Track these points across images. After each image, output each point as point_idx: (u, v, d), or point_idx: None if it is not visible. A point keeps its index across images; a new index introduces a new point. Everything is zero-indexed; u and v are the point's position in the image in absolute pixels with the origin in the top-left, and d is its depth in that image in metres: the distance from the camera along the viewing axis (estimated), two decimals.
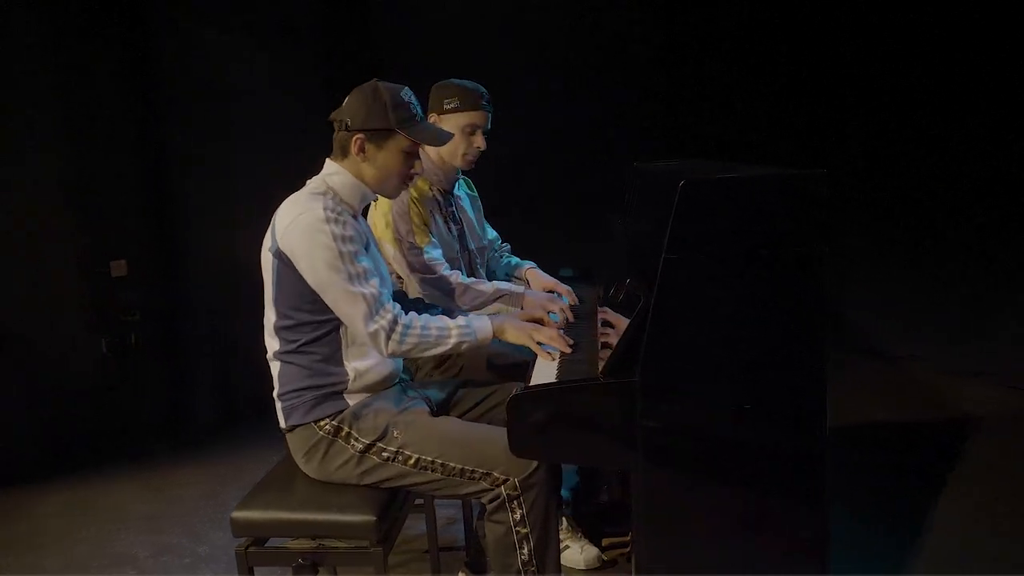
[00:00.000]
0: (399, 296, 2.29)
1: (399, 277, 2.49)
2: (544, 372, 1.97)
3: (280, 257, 1.93)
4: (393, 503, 1.98)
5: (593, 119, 4.62)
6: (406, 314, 1.97)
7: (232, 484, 3.32)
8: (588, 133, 4.63)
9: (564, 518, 2.61)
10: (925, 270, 4.46)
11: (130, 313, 4.03)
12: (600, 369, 1.73)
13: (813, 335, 1.64)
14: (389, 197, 2.19)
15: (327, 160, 2.06)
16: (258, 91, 4.07)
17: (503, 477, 1.87)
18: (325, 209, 1.90)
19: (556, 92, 4.62)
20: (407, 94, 2.03)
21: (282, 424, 2.03)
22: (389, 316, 1.92)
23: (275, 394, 2.04)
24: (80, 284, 3.89)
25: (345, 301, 1.90)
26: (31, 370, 3.67)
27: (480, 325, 2.04)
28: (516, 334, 2.08)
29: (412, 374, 2.53)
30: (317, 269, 1.88)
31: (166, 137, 3.97)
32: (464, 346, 2.02)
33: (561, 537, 2.57)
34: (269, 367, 2.05)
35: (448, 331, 1.99)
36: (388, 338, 1.92)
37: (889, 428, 3.56)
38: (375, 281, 1.93)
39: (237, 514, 1.94)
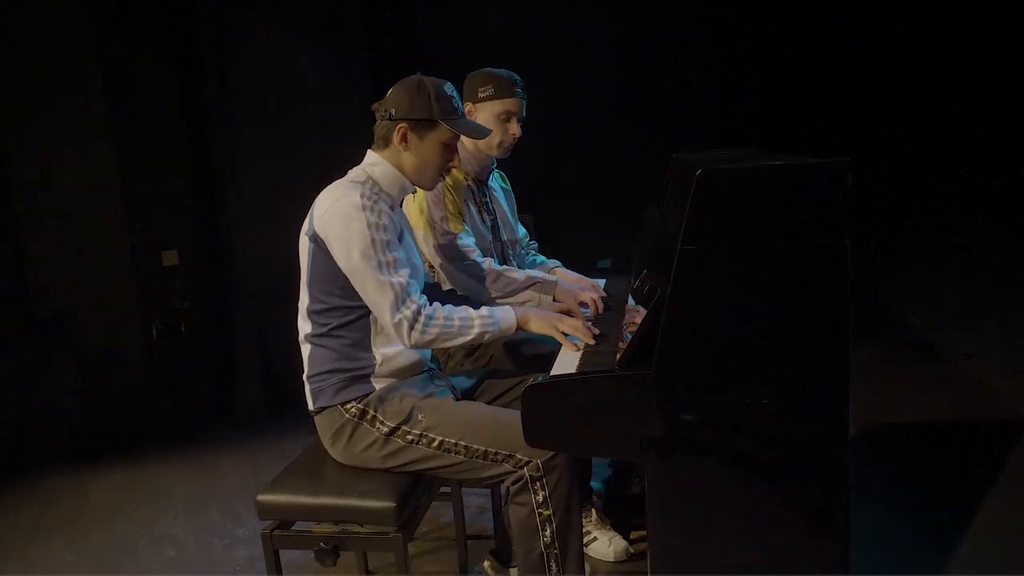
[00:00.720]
0: (432, 289, 2.31)
1: (431, 267, 2.50)
2: (566, 363, 1.96)
3: (316, 241, 1.98)
4: (415, 490, 2.00)
5: (639, 108, 4.57)
6: (431, 305, 1.99)
7: (273, 468, 3.32)
8: (634, 123, 4.58)
9: (593, 510, 2.60)
10: (983, 265, 4.29)
11: (180, 301, 4.17)
12: (616, 361, 1.71)
13: (834, 330, 1.59)
14: (426, 188, 2.20)
15: (368, 151, 2.11)
16: (305, 82, 4.14)
17: (525, 459, 1.88)
18: (362, 196, 1.95)
19: (602, 80, 4.57)
20: (450, 88, 2.08)
21: (310, 406, 2.07)
22: (413, 307, 1.94)
23: (304, 376, 2.09)
24: (133, 273, 4.03)
25: (373, 288, 1.93)
26: (84, 356, 3.81)
27: (503, 315, 2.05)
28: (540, 324, 2.09)
29: (441, 364, 2.55)
30: (350, 254, 1.92)
31: (215, 129, 4.06)
32: (487, 336, 2.03)
33: (589, 529, 2.57)
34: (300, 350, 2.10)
35: (471, 321, 2.01)
36: (411, 329, 1.94)
37: (938, 428, 3.45)
38: (405, 272, 1.96)
39: (263, 497, 1.99)
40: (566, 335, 2.07)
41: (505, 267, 2.51)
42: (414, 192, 2.20)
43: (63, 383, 3.72)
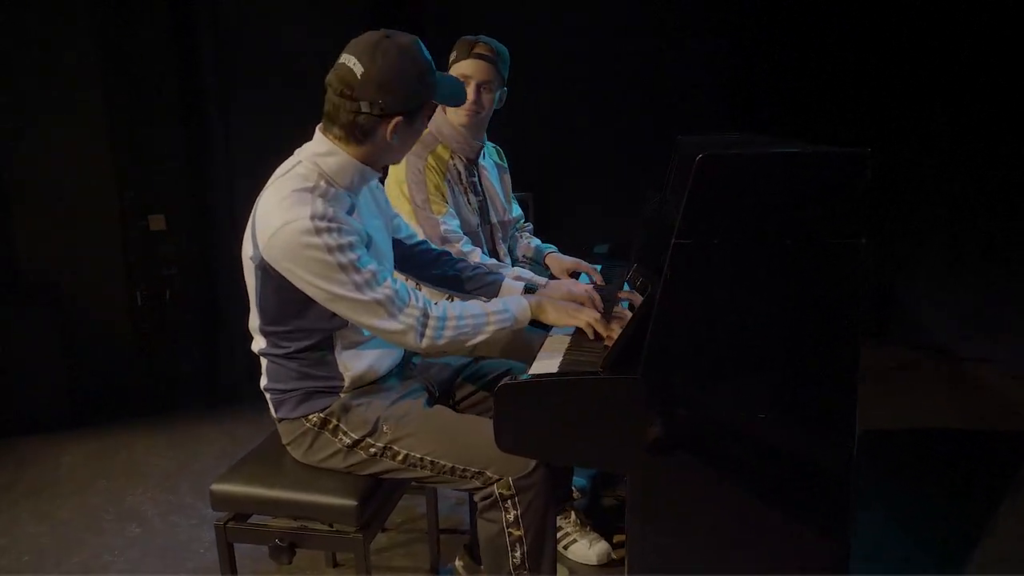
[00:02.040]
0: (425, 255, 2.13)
1: None
2: (548, 359, 1.80)
3: (264, 268, 1.70)
4: (380, 489, 1.86)
5: (648, 87, 4.36)
6: (436, 303, 1.79)
7: (250, 447, 3.27)
8: (643, 102, 4.38)
9: (573, 511, 2.46)
10: (1001, 265, 4.10)
11: (166, 267, 4.03)
12: (600, 362, 1.56)
13: (843, 339, 1.43)
14: (394, 164, 2.02)
15: (318, 133, 1.75)
16: (299, 48, 3.96)
17: (496, 476, 1.72)
18: (313, 217, 1.61)
19: (610, 57, 4.36)
20: (424, 47, 1.75)
21: (272, 413, 1.91)
22: (416, 311, 1.72)
23: (262, 386, 1.90)
24: (119, 237, 3.90)
25: (357, 310, 1.69)
26: (66, 320, 3.68)
27: (517, 306, 1.86)
28: (558, 315, 1.90)
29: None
30: (316, 284, 1.65)
31: (207, 95, 3.90)
32: (505, 331, 1.85)
33: (569, 531, 2.45)
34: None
35: (486, 317, 1.81)
36: (421, 334, 1.73)
37: (946, 434, 3.29)
38: (387, 280, 1.71)
39: (217, 487, 1.85)
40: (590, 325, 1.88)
41: (493, 262, 2.35)
42: (381, 177, 1.91)
43: (46, 348, 3.60)
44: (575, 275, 2.49)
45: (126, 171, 3.86)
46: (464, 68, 2.29)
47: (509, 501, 1.73)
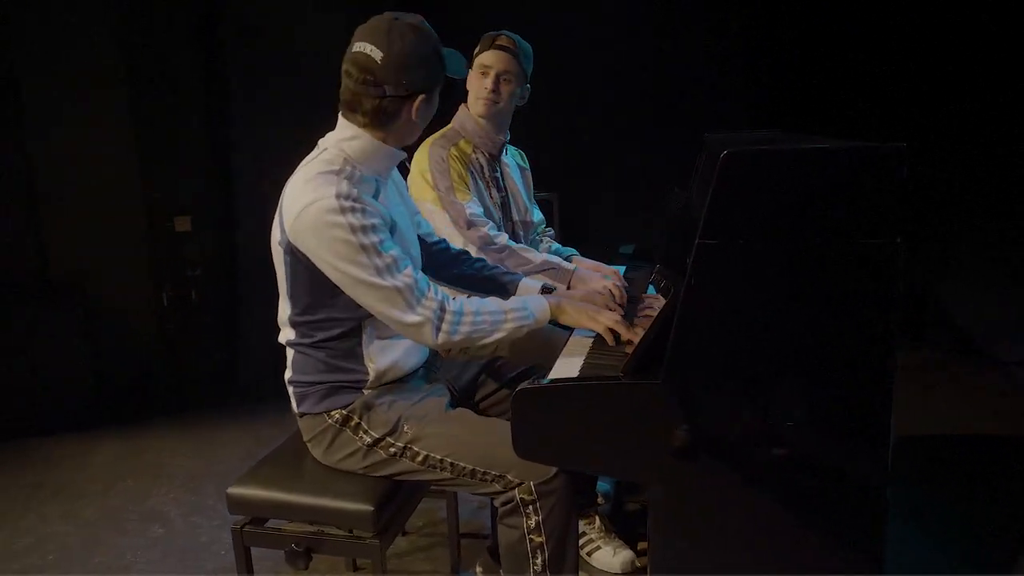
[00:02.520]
0: (443, 254, 2.11)
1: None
2: (569, 362, 1.75)
3: (292, 252, 1.70)
4: (398, 493, 1.82)
5: (675, 83, 4.28)
6: (454, 298, 1.76)
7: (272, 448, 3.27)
8: (670, 99, 4.30)
9: (597, 517, 2.41)
10: None
11: (192, 268, 4.05)
12: (621, 367, 1.50)
13: (878, 342, 1.36)
14: (411, 146, 1.98)
15: (341, 119, 1.76)
16: (324, 48, 3.94)
17: (517, 480, 1.68)
18: (339, 196, 1.62)
19: (635, 52, 4.29)
20: (428, 26, 1.75)
21: (294, 408, 1.89)
22: (434, 304, 1.69)
23: (286, 379, 1.89)
24: (145, 238, 3.91)
25: (377, 298, 1.66)
26: (93, 320, 3.70)
27: (537, 305, 1.82)
28: (576, 316, 1.86)
29: (436, 353, 2.36)
30: (337, 266, 1.64)
31: (231, 96, 3.91)
32: (523, 330, 1.80)
33: (593, 538, 2.39)
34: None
35: (504, 315, 1.77)
36: (437, 329, 1.69)
37: (989, 440, 3.18)
38: (408, 268, 1.68)
39: (234, 490, 1.83)
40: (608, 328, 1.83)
41: (520, 245, 2.32)
42: (406, 158, 1.90)
43: (73, 348, 3.62)
44: None
45: (152, 172, 3.88)
46: (485, 59, 2.30)
47: (530, 506, 1.69)
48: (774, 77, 4.24)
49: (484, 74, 2.31)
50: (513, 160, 2.55)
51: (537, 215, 2.62)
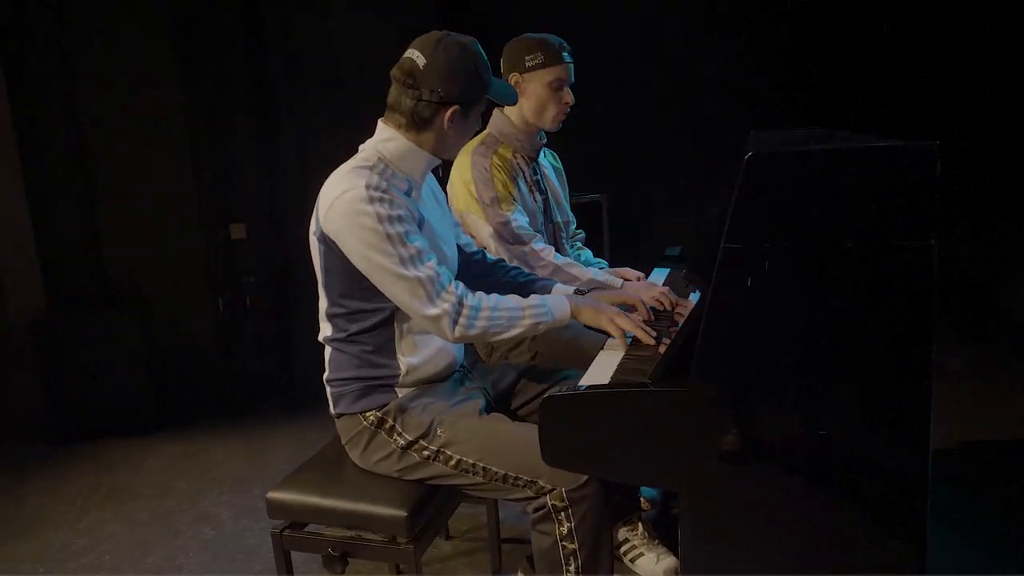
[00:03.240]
0: (478, 264, 2.13)
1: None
2: (602, 369, 1.74)
3: (325, 242, 1.76)
4: (433, 498, 1.83)
5: (724, 80, 4.21)
6: (473, 293, 1.79)
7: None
8: (720, 96, 4.23)
9: (640, 523, 2.38)
10: None
11: (247, 275, 4.14)
12: (649, 373, 1.48)
13: (914, 347, 1.31)
14: (449, 159, 2.01)
15: (381, 123, 1.84)
16: (373, 57, 3.99)
17: (549, 486, 1.69)
18: (368, 187, 1.69)
19: (685, 49, 4.23)
20: (480, 48, 1.82)
21: (331, 409, 1.93)
22: (453, 298, 1.73)
23: (324, 378, 1.93)
24: (201, 246, 4.03)
25: (398, 287, 1.71)
26: (150, 326, 3.82)
27: (557, 304, 1.84)
28: (594, 316, 1.88)
29: (483, 356, 2.37)
30: (364, 254, 1.70)
31: (282, 106, 4.01)
32: (541, 327, 1.82)
33: (636, 544, 2.37)
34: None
35: (521, 311, 1.80)
36: (454, 322, 1.73)
37: None
38: (432, 262, 1.73)
39: (273, 495, 1.87)
40: (624, 332, 1.85)
41: (566, 260, 2.32)
42: (439, 165, 1.94)
43: (131, 354, 3.74)
44: None
45: (207, 181, 3.99)
46: (561, 72, 2.30)
47: (562, 513, 1.69)
48: (829, 74, 4.13)
49: (559, 88, 2.30)
50: (548, 162, 2.55)
51: (570, 216, 2.61)
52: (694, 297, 2.06)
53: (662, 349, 1.75)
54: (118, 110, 3.79)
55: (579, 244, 2.65)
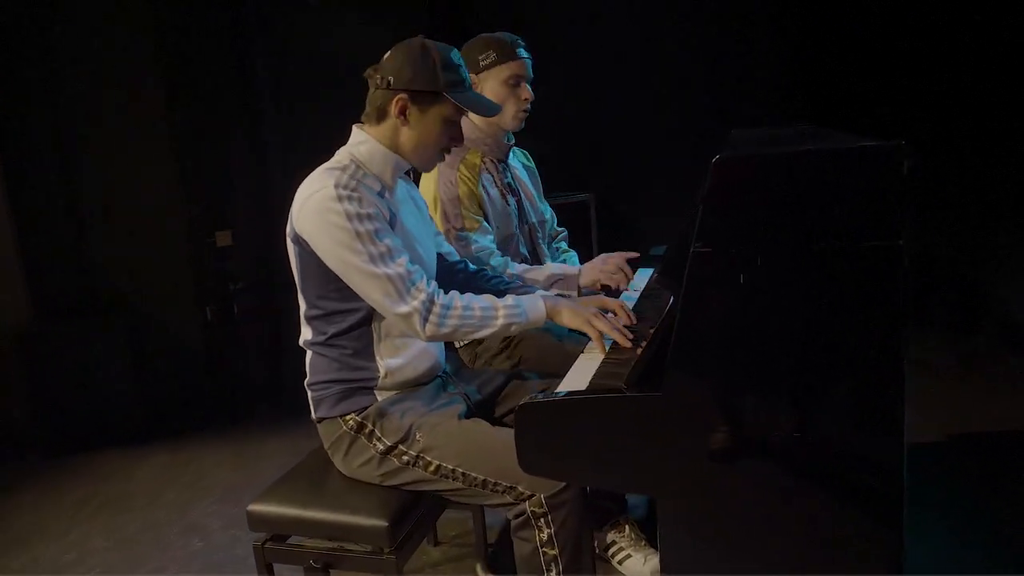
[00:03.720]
0: (461, 272, 2.12)
1: None
2: (579, 375, 1.73)
3: (299, 243, 1.79)
4: (415, 507, 1.83)
5: (713, 78, 4.21)
6: (446, 293, 1.79)
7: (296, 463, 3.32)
8: (709, 94, 4.22)
9: (627, 524, 2.37)
10: None
11: (234, 282, 4.13)
12: (623, 379, 1.48)
13: (884, 345, 1.30)
14: (424, 169, 2.00)
15: (355, 127, 1.87)
16: (363, 64, 3.99)
17: (528, 492, 1.68)
18: (337, 186, 1.71)
19: (674, 47, 4.22)
20: (457, 56, 1.84)
21: (312, 414, 1.93)
22: (423, 296, 1.73)
23: (305, 383, 1.93)
24: (187, 254, 4.01)
25: (369, 284, 1.72)
26: (137, 336, 3.81)
27: (531, 305, 1.84)
28: (573, 318, 1.86)
29: (467, 361, 2.36)
30: (335, 252, 1.72)
31: (268, 112, 4.00)
32: (514, 328, 1.82)
33: (624, 546, 2.36)
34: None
35: (494, 311, 1.79)
36: (425, 320, 1.73)
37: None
38: (403, 259, 1.74)
39: (254, 507, 1.86)
40: (601, 334, 1.83)
41: (524, 267, 2.31)
42: (409, 170, 1.94)
43: (119, 364, 3.73)
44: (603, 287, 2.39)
45: (192, 189, 3.97)
46: (516, 68, 2.27)
47: (542, 519, 1.68)
48: (814, 73, 4.13)
49: (516, 84, 2.27)
50: (518, 161, 2.54)
51: (548, 212, 2.60)
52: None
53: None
54: (104, 118, 3.77)
55: (563, 246, 2.64)
